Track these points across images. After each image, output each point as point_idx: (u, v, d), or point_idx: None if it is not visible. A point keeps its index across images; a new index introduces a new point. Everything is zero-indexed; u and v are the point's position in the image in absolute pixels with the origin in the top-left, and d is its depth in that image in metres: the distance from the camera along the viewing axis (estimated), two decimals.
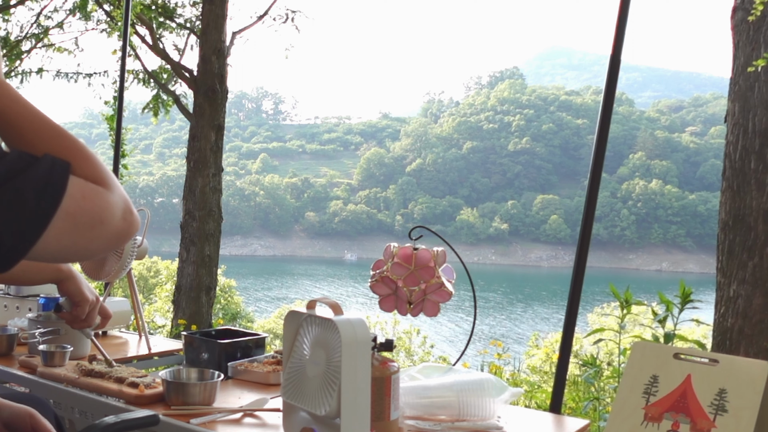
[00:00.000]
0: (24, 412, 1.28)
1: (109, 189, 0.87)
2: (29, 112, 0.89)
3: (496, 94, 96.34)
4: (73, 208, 0.82)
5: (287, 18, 8.24)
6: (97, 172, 0.88)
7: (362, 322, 1.28)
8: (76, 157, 0.87)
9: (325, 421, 1.30)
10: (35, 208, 0.79)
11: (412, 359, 8.56)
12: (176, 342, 2.44)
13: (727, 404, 1.12)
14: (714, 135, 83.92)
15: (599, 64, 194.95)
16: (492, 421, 1.52)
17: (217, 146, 7.25)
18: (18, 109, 0.88)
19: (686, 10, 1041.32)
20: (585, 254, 1.91)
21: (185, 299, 7.13)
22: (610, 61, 1.90)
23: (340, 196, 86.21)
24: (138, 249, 2.16)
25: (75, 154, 0.87)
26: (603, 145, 1.91)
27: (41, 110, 0.91)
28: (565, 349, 1.93)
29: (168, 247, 22.83)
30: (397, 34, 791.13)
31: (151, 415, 1.14)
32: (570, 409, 3.92)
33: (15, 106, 0.88)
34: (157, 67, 8.36)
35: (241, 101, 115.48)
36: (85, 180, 0.85)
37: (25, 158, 0.82)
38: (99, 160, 0.90)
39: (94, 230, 0.84)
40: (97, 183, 0.86)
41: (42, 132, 0.88)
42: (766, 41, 4.04)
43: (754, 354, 3.86)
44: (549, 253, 76.87)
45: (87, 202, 0.84)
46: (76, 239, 0.83)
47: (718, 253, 4.19)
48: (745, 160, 4.06)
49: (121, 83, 3.48)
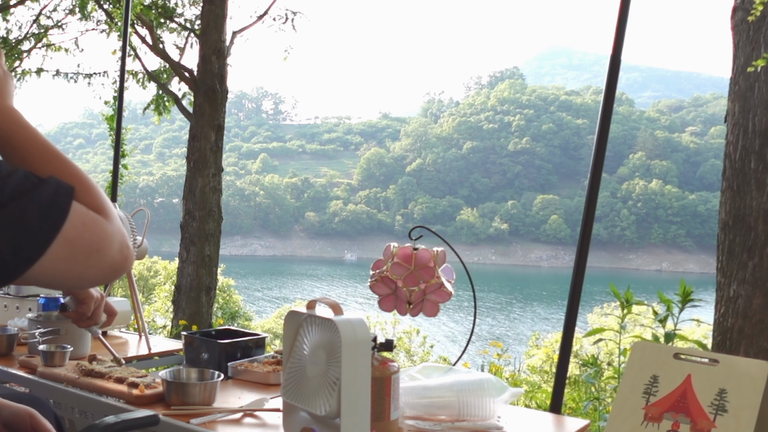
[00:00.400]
0: (24, 412, 1.28)
1: (109, 219, 0.88)
2: (35, 139, 0.91)
3: (496, 94, 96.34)
4: (72, 234, 0.83)
5: (287, 19, 8.25)
6: (99, 201, 0.89)
7: (362, 322, 1.28)
8: (79, 184, 0.88)
9: (325, 421, 1.30)
10: (37, 229, 0.80)
11: (412, 359, 8.56)
12: (176, 342, 2.44)
13: (727, 404, 1.12)
14: (714, 135, 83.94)
15: (599, 64, 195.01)
16: (492, 421, 1.52)
17: (217, 146, 7.25)
18: (24, 134, 0.90)
19: (686, 10, 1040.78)
20: (585, 254, 1.91)
21: (185, 299, 7.13)
22: (610, 61, 1.90)
23: (340, 196, 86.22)
24: (138, 249, 2.16)
25: (78, 181, 0.88)
26: (603, 145, 1.91)
27: (46, 138, 0.93)
28: (565, 349, 1.93)
29: (168, 247, 22.84)
30: (397, 34, 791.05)
31: (151, 415, 1.14)
32: (570, 409, 3.92)
33: (22, 131, 0.90)
34: (157, 67, 8.37)
35: (241, 101, 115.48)
36: (86, 208, 0.86)
37: (31, 179, 0.83)
38: (100, 190, 0.92)
39: (90, 259, 0.85)
40: (97, 212, 0.88)
41: (47, 158, 0.90)
42: (766, 41, 4.04)
43: (754, 354, 3.86)
44: (549, 253, 76.87)
45: (86, 229, 0.85)
46: (72, 266, 0.84)
47: (718, 253, 4.19)
48: (745, 160, 4.05)
49: (121, 83, 3.48)
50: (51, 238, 0.81)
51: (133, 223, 2.17)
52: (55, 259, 0.82)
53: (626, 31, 1.89)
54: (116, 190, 3.41)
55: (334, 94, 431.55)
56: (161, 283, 14.72)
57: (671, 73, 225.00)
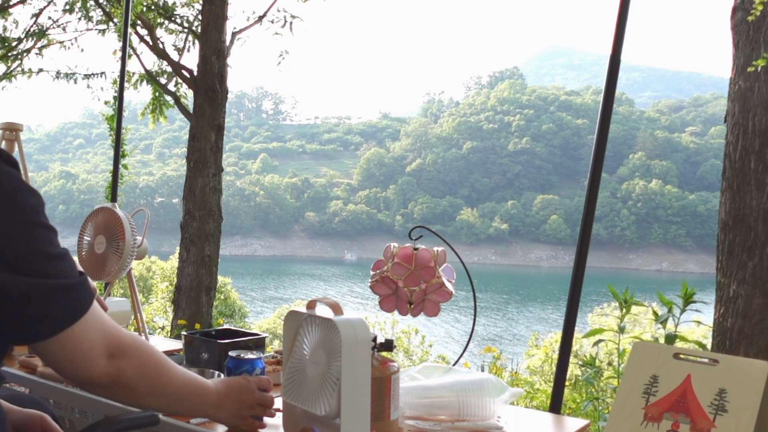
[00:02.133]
0: (35, 416, 1.29)
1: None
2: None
3: (496, 94, 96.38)
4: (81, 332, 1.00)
5: (285, 22, 8.23)
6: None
7: (362, 322, 1.28)
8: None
9: (325, 421, 1.30)
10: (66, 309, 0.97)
11: (411, 359, 8.57)
12: (176, 342, 2.43)
13: (727, 404, 1.12)
14: (714, 135, 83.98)
15: (599, 64, 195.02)
16: (492, 421, 1.52)
17: (217, 146, 7.25)
18: None
19: (686, 10, 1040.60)
20: (585, 254, 1.90)
21: (185, 299, 7.12)
22: (610, 61, 1.90)
23: (340, 196, 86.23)
24: (138, 249, 2.16)
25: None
26: (603, 145, 1.91)
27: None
28: (564, 350, 1.92)
29: (168, 247, 22.82)
30: (397, 34, 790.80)
31: (151, 415, 1.14)
32: (570, 410, 3.92)
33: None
34: (156, 68, 8.37)
35: (241, 101, 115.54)
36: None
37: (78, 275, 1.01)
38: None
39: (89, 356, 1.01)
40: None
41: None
42: (766, 41, 4.04)
43: (754, 354, 3.86)
44: (549, 253, 76.89)
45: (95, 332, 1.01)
46: (74, 359, 1.00)
47: (718, 253, 4.19)
48: (745, 160, 4.05)
49: (121, 83, 3.48)
50: (76, 318, 0.98)
51: (133, 223, 2.17)
52: (60, 348, 0.98)
53: (626, 31, 1.89)
54: (116, 190, 3.40)
55: (334, 94, 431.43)
56: (158, 282, 14.71)
57: (671, 73, 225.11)
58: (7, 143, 3.51)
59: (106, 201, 4.64)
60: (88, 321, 0.99)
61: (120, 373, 1.03)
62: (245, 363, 1.46)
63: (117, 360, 1.03)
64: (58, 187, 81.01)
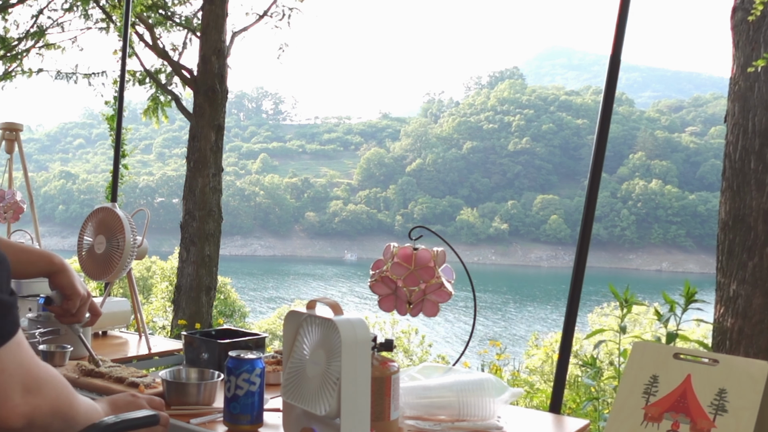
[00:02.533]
0: (127, 395, 1.30)
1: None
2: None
3: (496, 94, 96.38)
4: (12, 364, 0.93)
5: (284, 15, 8.24)
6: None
7: (362, 322, 1.28)
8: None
9: (324, 421, 1.30)
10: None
11: (411, 359, 8.57)
12: (176, 342, 2.43)
13: (727, 404, 1.12)
14: (714, 135, 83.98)
15: (599, 64, 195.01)
16: (492, 421, 1.52)
17: (217, 146, 7.25)
18: None
19: (686, 10, 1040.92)
20: (585, 254, 1.90)
21: (185, 299, 7.12)
22: (610, 61, 1.90)
23: (340, 196, 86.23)
24: (138, 249, 2.16)
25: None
26: (603, 145, 1.91)
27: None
28: (565, 350, 1.92)
29: (168, 247, 22.83)
30: (397, 34, 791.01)
31: (151, 415, 1.14)
32: (570, 410, 3.92)
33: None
34: (156, 67, 8.37)
35: (241, 101, 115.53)
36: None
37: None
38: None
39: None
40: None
41: None
42: (766, 41, 4.04)
43: (754, 354, 3.86)
44: (549, 253, 76.89)
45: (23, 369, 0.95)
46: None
47: (718, 253, 4.19)
48: (745, 160, 4.06)
49: (122, 83, 3.48)
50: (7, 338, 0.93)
51: (133, 223, 2.17)
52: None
53: (626, 31, 1.89)
54: (116, 190, 3.40)
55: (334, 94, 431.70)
56: (158, 282, 14.71)
57: (671, 73, 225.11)
58: (7, 143, 3.51)
59: (106, 201, 4.64)
60: (9, 350, 0.92)
61: (35, 411, 0.95)
62: (245, 363, 1.46)
63: (33, 396, 0.95)
64: (58, 187, 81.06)
